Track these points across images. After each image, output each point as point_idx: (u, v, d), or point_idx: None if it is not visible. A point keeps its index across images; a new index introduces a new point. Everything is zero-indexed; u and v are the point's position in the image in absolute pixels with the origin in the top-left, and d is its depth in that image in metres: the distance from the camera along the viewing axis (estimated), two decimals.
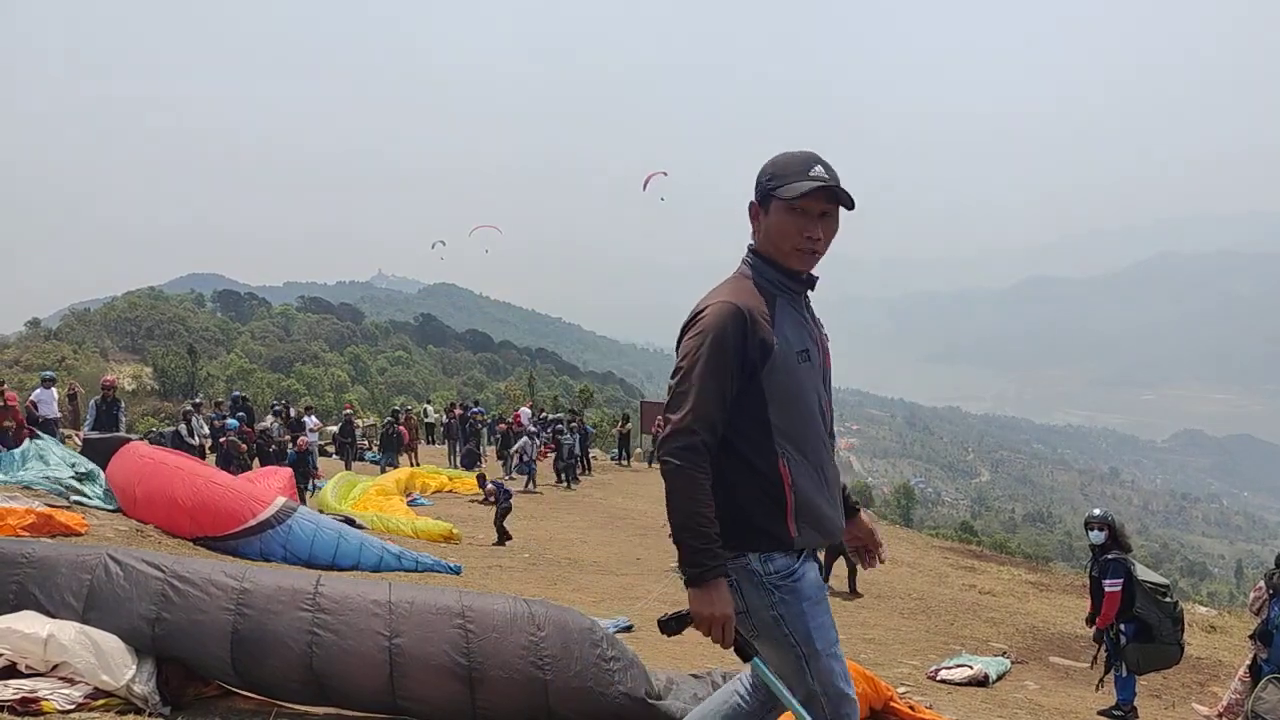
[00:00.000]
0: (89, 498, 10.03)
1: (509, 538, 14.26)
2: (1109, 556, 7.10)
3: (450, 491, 19.38)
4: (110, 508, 9.92)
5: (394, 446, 22.46)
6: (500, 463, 24.19)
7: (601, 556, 14.21)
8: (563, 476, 22.84)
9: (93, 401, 14.23)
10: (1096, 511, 7.59)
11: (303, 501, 14.20)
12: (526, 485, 20.92)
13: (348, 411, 26.11)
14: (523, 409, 28.79)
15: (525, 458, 21.57)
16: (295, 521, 9.72)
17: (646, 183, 34.73)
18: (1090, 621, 7.55)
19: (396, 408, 27.84)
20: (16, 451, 10.68)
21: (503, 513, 14.43)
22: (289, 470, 13.68)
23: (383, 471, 20.30)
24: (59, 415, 15.30)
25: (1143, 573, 7.04)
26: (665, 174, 35.82)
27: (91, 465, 10.66)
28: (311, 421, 21.81)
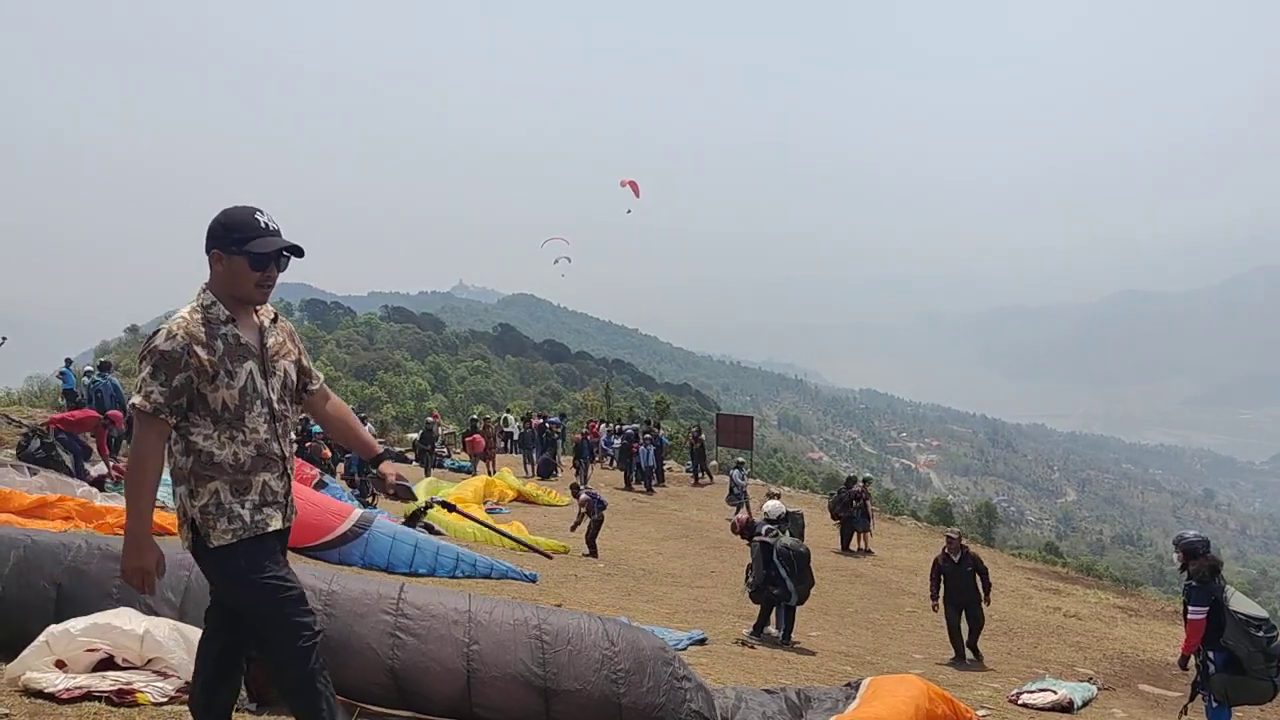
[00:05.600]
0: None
1: (595, 555, 14.19)
2: (1192, 583, 6.88)
3: (527, 500, 19.54)
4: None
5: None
6: (574, 471, 24.36)
7: (676, 568, 14.20)
8: (640, 481, 23.27)
9: None
10: (1189, 534, 7.34)
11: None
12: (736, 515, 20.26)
13: (431, 420, 26.53)
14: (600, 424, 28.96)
15: (736, 489, 20.61)
16: (372, 533, 9.91)
17: (624, 184, 34.75)
18: None
19: (475, 416, 28.23)
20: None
21: (596, 525, 14.30)
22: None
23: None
24: None
25: (1238, 602, 6.73)
26: (631, 183, 35.64)
27: None
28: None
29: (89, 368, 20.00)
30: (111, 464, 11.42)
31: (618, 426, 29.88)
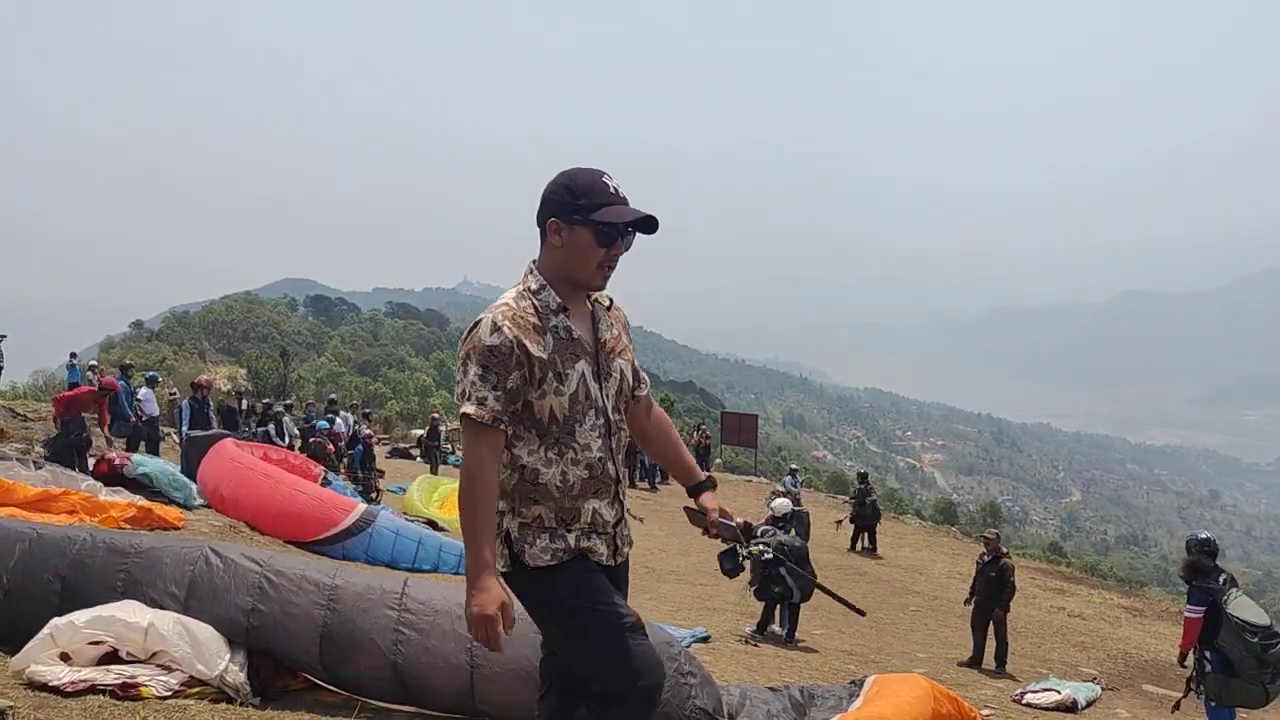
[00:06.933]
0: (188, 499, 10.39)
1: None
2: (1193, 584, 7.00)
3: None
4: (200, 503, 10.27)
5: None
6: None
7: (679, 566, 14.19)
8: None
9: (187, 401, 14.72)
10: (1199, 534, 7.42)
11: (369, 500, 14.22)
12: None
13: (434, 416, 26.56)
14: None
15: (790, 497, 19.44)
16: (376, 529, 9.94)
17: None
18: None
19: None
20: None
21: None
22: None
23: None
24: (158, 413, 15.93)
25: (1239, 606, 6.79)
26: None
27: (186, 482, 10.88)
28: (342, 422, 19.96)
29: (93, 362, 20.07)
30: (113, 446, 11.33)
31: None
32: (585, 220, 2.37)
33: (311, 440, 17.43)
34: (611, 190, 2.40)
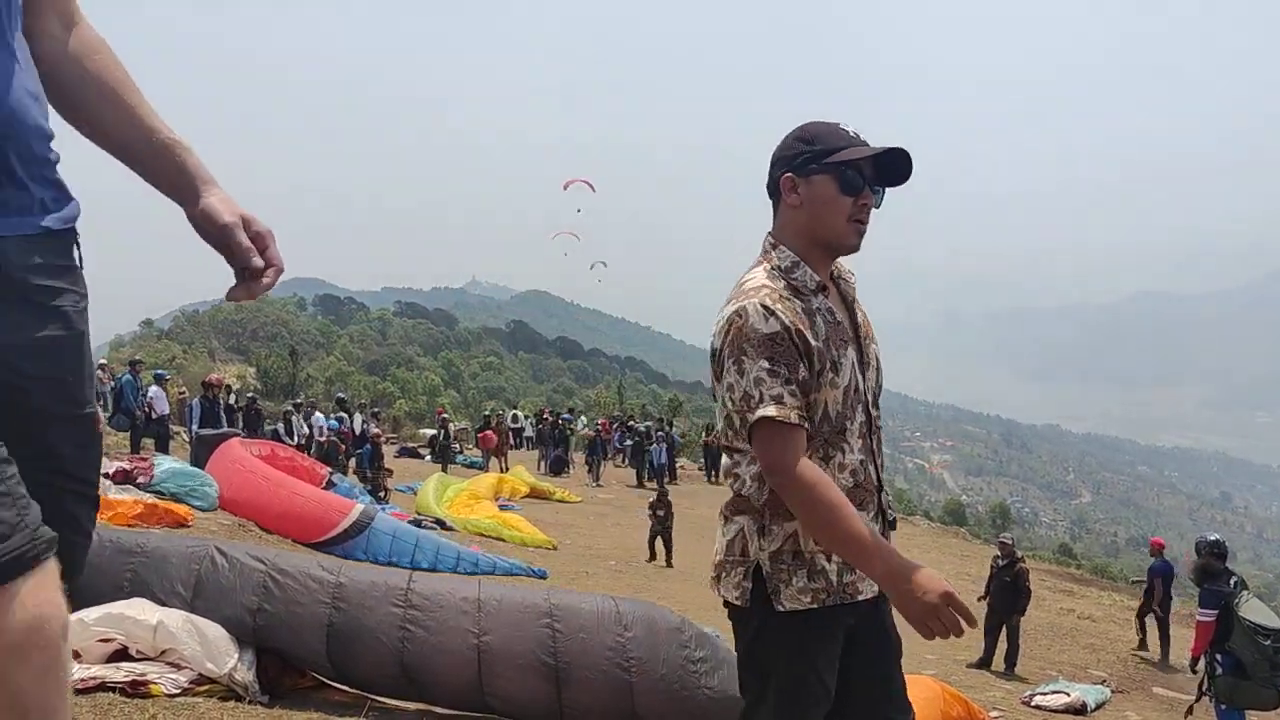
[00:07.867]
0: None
1: (652, 557, 13.87)
2: (1204, 587, 6.97)
3: (541, 496, 19.63)
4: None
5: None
6: (587, 469, 24.34)
7: (688, 566, 14.15)
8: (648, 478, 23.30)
9: (197, 400, 14.76)
10: (1208, 537, 7.41)
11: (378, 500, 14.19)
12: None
13: (443, 415, 26.61)
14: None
15: None
16: (373, 530, 9.96)
17: (567, 185, 34.46)
18: None
19: (487, 413, 28.30)
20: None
21: (662, 527, 13.75)
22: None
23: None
24: (168, 412, 16.01)
25: (1251, 609, 6.77)
26: (589, 183, 34.91)
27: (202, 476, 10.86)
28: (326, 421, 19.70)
29: (102, 361, 20.16)
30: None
31: (628, 424, 29.85)
32: (823, 167, 1.99)
33: (322, 440, 17.50)
34: (850, 134, 2.01)
